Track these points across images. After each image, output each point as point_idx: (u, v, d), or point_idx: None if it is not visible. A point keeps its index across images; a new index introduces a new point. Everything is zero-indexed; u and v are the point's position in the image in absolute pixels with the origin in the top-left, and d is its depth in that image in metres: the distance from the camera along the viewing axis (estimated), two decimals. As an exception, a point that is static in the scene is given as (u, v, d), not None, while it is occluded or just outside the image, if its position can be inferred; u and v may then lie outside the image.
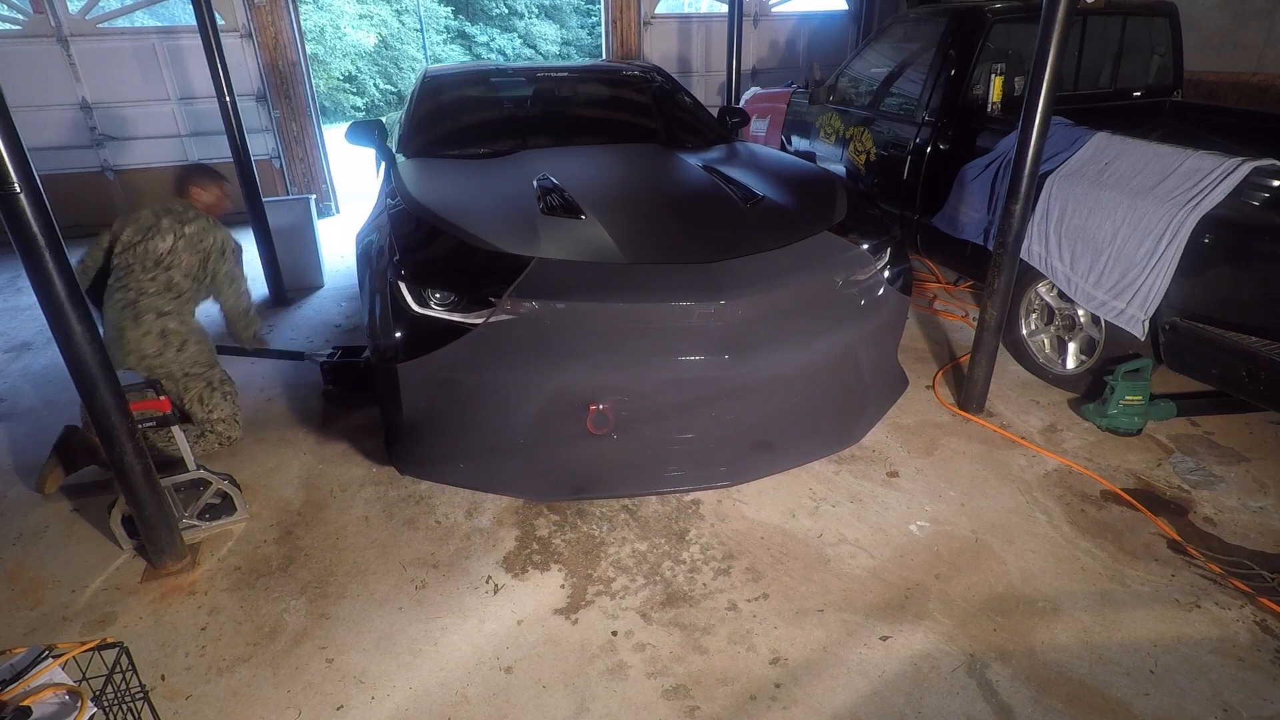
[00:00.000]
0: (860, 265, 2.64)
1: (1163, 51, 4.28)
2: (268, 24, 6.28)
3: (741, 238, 2.57)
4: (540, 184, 2.84)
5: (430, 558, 2.34)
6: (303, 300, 4.77)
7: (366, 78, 17.77)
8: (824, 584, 2.20)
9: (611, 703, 1.83)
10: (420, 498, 2.61)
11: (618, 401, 2.34)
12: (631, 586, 2.20)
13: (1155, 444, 2.88)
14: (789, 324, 2.44)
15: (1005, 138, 3.47)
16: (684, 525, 2.45)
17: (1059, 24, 2.48)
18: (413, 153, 3.44)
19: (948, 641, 1.99)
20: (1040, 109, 2.59)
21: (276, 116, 6.59)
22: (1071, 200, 3.04)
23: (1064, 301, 3.25)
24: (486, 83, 4.00)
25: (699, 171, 3.14)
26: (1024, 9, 3.90)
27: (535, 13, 20.02)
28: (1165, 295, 2.71)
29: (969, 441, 2.92)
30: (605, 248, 2.44)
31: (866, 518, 2.48)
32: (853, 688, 1.86)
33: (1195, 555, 2.28)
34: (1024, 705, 1.80)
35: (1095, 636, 1.99)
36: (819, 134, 5.07)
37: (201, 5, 3.96)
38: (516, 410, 2.34)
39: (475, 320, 2.28)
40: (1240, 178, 2.49)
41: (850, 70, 4.87)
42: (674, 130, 3.89)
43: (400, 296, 2.31)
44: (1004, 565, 2.26)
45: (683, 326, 2.31)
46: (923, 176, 4.07)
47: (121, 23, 6.40)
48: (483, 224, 2.51)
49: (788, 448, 2.58)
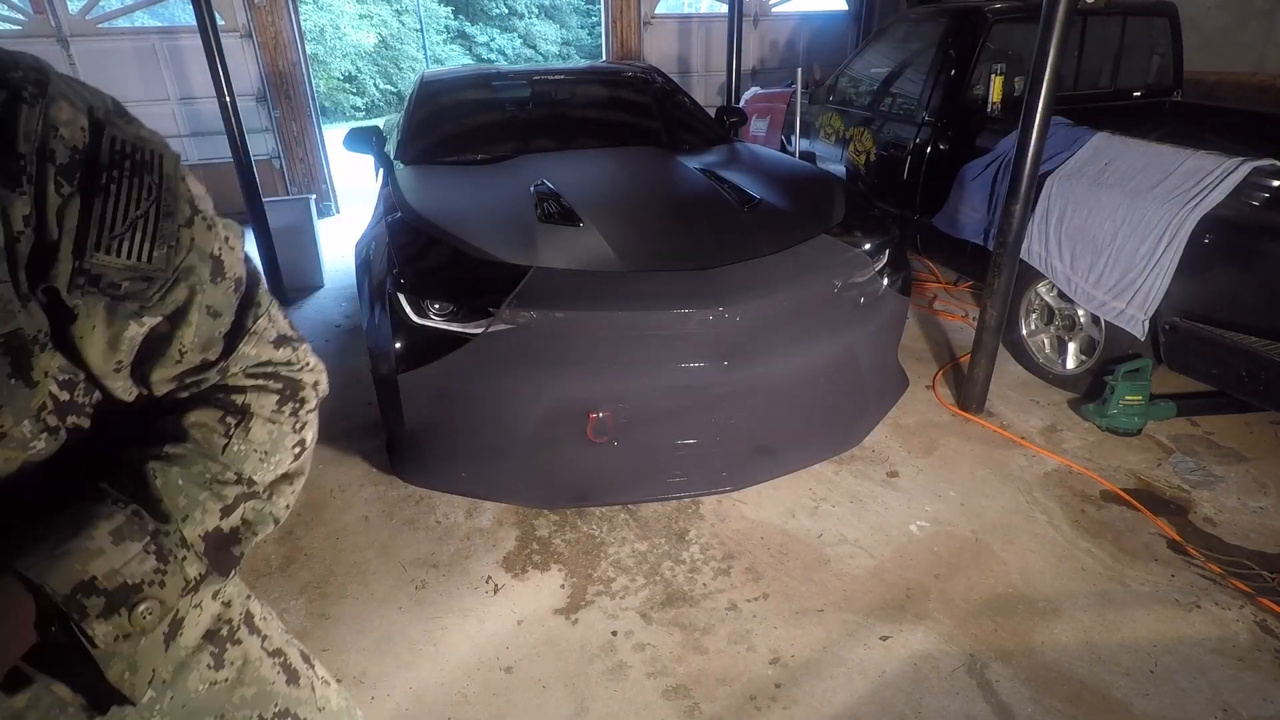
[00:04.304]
0: (859, 267, 2.64)
1: (1163, 52, 4.28)
2: (268, 24, 6.28)
3: (739, 242, 2.57)
4: (538, 191, 2.84)
5: (430, 558, 2.34)
6: (303, 300, 4.77)
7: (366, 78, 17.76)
8: (824, 584, 2.20)
9: (611, 703, 1.83)
10: (420, 498, 2.61)
11: (618, 409, 2.35)
12: (631, 586, 2.20)
13: (1155, 444, 2.88)
14: (788, 328, 2.44)
15: (1005, 138, 3.47)
16: (684, 525, 2.45)
17: (1059, 24, 2.49)
18: (410, 159, 3.43)
19: (948, 641, 1.99)
20: (1040, 109, 2.59)
21: (276, 116, 6.59)
22: (1071, 200, 3.04)
23: (1064, 301, 3.25)
24: (484, 86, 3.99)
25: (697, 175, 3.14)
26: (1024, 9, 3.90)
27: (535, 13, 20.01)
28: (1165, 295, 2.71)
29: (969, 441, 2.92)
30: (603, 255, 2.44)
31: (866, 518, 2.48)
32: (853, 688, 1.86)
33: (1195, 555, 2.28)
34: (1024, 705, 1.80)
35: (1095, 636, 1.99)
36: (819, 134, 5.08)
37: (201, 5, 3.96)
38: (517, 419, 2.34)
39: (474, 330, 2.29)
40: (1240, 178, 2.49)
41: (850, 70, 4.87)
42: (673, 131, 3.89)
43: (399, 307, 2.32)
44: (1004, 565, 2.26)
45: (681, 334, 2.31)
46: (923, 176, 4.07)
47: (121, 23, 6.40)
48: (481, 233, 2.51)
49: (789, 451, 2.58)
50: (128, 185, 0.60)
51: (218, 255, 0.68)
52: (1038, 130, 2.62)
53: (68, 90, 0.59)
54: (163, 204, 0.62)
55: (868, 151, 4.51)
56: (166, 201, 0.62)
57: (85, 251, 0.58)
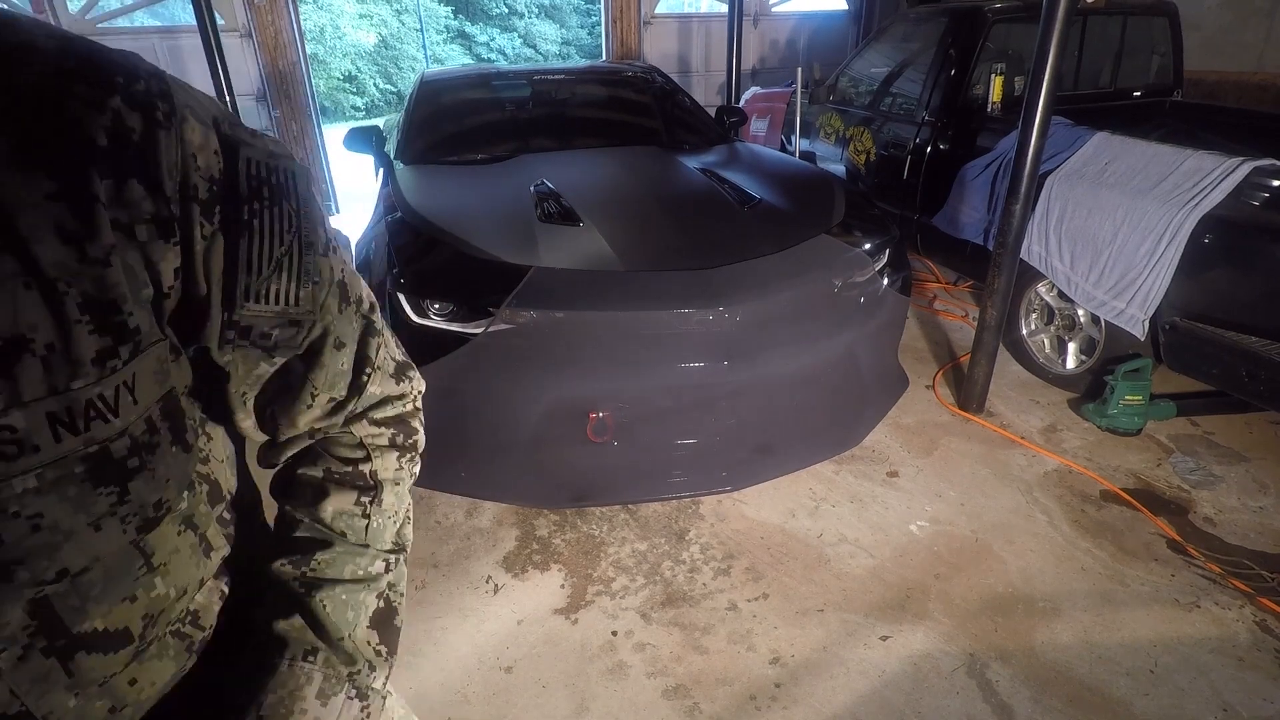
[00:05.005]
0: (859, 267, 2.64)
1: (1163, 51, 4.28)
2: (268, 24, 6.28)
3: (740, 242, 2.57)
4: (538, 190, 2.84)
5: (430, 558, 2.34)
6: (303, 300, 4.77)
7: (366, 78, 17.76)
8: (824, 584, 2.20)
9: (611, 703, 1.83)
10: (420, 498, 2.61)
11: (617, 409, 2.35)
12: (631, 586, 2.20)
13: (1155, 444, 2.88)
14: (788, 328, 2.44)
15: (1005, 138, 3.47)
16: (684, 525, 2.45)
17: (1059, 24, 2.48)
18: (410, 159, 3.43)
19: (948, 641, 1.99)
20: (1040, 109, 2.59)
21: (276, 116, 6.59)
22: (1071, 200, 3.04)
23: (1064, 301, 3.25)
24: (484, 86, 4.00)
25: (697, 174, 3.14)
26: (1024, 9, 3.90)
27: (535, 13, 20.01)
28: (1165, 295, 2.71)
29: (969, 441, 2.92)
30: (603, 255, 2.44)
31: (866, 518, 2.48)
32: (853, 688, 1.86)
33: (1195, 555, 2.28)
34: (1024, 705, 1.80)
35: (1095, 636, 1.99)
36: (819, 134, 5.08)
37: (201, 5, 3.96)
38: (517, 419, 2.35)
39: (474, 330, 2.29)
40: (1240, 178, 2.49)
41: (850, 70, 4.87)
42: (673, 131, 3.89)
43: (399, 307, 2.32)
44: (1004, 565, 2.26)
45: (681, 333, 2.31)
46: (923, 176, 4.07)
47: (121, 23, 6.41)
48: (481, 233, 2.51)
49: (789, 451, 2.58)
50: (269, 218, 0.52)
51: (341, 278, 0.61)
52: (1038, 130, 2.62)
53: (190, 101, 0.50)
54: (304, 234, 0.54)
55: (868, 151, 4.51)
56: (307, 230, 0.55)
57: (235, 303, 0.51)
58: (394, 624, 0.70)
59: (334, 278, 0.59)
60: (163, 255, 0.47)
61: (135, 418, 0.48)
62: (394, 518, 0.71)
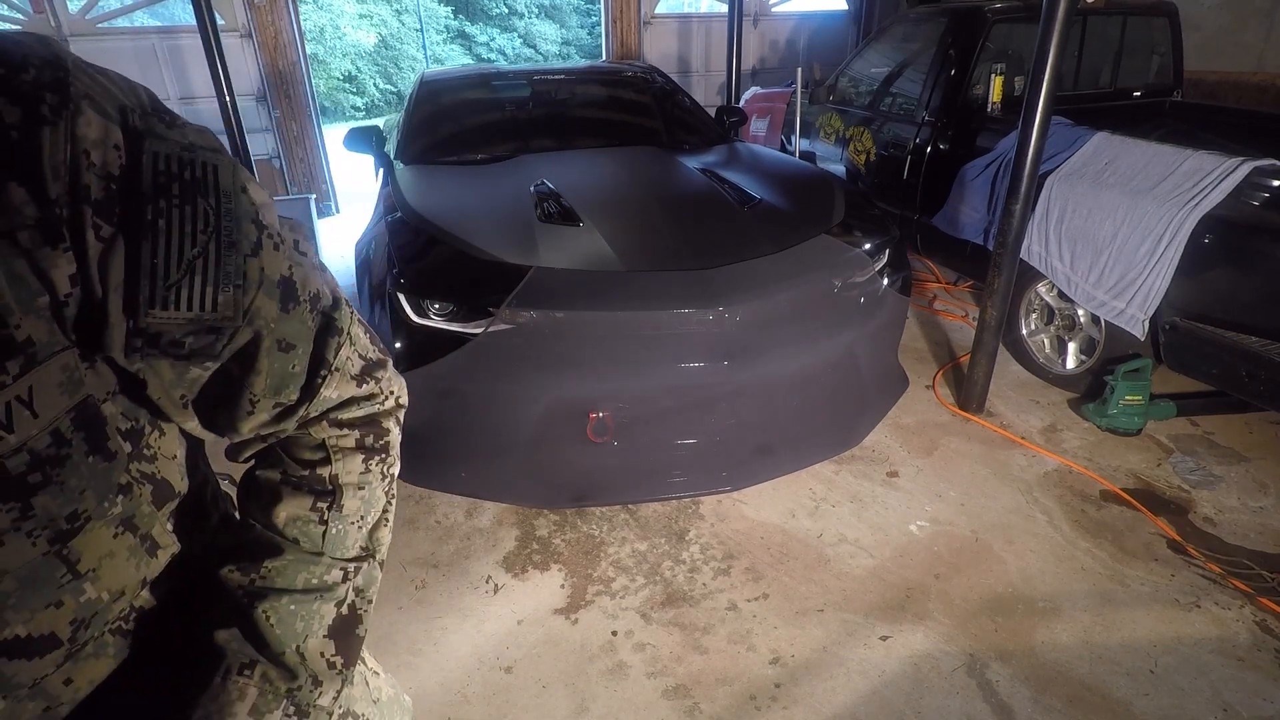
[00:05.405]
0: (859, 267, 2.65)
1: (1163, 51, 4.28)
2: (268, 24, 6.28)
3: (739, 242, 2.57)
4: (538, 190, 2.84)
5: (430, 557, 2.34)
6: (303, 300, 4.76)
7: (366, 78, 17.75)
8: (824, 584, 2.20)
9: (611, 703, 1.83)
10: (420, 497, 2.61)
11: (617, 409, 2.35)
12: (631, 586, 2.20)
13: (1155, 444, 2.88)
14: (788, 328, 2.45)
15: (1005, 138, 3.47)
16: (684, 525, 2.45)
17: (1059, 24, 2.48)
18: (410, 159, 3.43)
19: (948, 641, 1.99)
20: (1040, 109, 2.59)
21: (276, 116, 6.59)
22: (1071, 200, 3.04)
23: (1064, 301, 3.25)
24: (484, 86, 4.00)
25: (696, 175, 3.14)
26: (1024, 9, 3.90)
27: (535, 13, 20.01)
28: (1165, 295, 2.71)
29: (969, 441, 2.92)
30: (603, 255, 2.44)
31: (866, 518, 2.48)
32: (853, 688, 1.86)
33: (1195, 555, 2.28)
34: (1024, 705, 1.80)
35: (1095, 636, 1.99)
36: (819, 134, 5.08)
37: (201, 5, 3.96)
38: (517, 419, 2.35)
39: (474, 330, 2.29)
40: (1240, 178, 2.49)
41: (850, 70, 4.87)
42: (673, 131, 3.89)
43: (399, 307, 2.32)
44: (1004, 565, 2.26)
45: (681, 334, 2.32)
46: (923, 176, 4.07)
47: (121, 22, 6.40)
48: (481, 233, 2.51)
49: (789, 451, 2.58)
50: (179, 217, 0.48)
51: (288, 276, 0.57)
52: (1038, 130, 2.62)
53: (92, 88, 0.47)
54: (223, 233, 0.51)
55: (868, 151, 4.51)
56: (227, 229, 0.51)
57: (139, 310, 0.48)
58: (356, 633, 0.67)
59: (270, 277, 0.55)
60: (53, 262, 0.44)
61: (37, 431, 0.45)
62: (358, 523, 0.68)
